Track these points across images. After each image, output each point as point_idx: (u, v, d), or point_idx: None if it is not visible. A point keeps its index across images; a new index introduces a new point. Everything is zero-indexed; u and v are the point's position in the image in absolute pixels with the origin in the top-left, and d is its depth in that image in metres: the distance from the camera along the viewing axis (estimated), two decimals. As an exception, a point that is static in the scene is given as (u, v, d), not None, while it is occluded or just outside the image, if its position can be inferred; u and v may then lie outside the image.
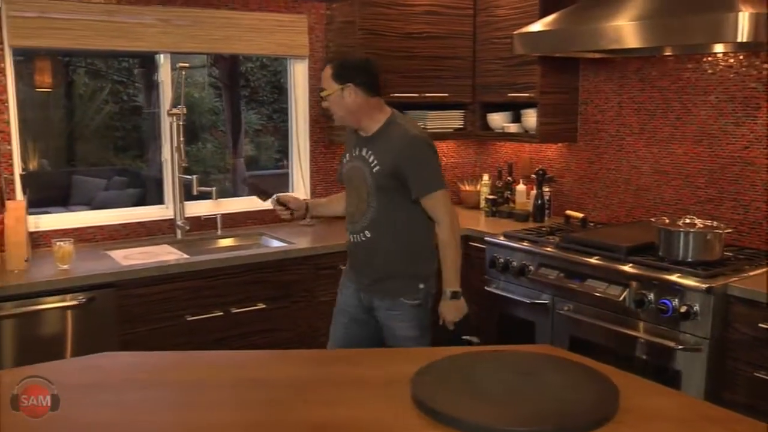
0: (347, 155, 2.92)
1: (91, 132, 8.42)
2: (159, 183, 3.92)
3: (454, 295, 2.84)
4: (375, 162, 2.77)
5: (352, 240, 2.90)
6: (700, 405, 1.82)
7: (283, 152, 8.42)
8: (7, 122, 3.36)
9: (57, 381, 1.87)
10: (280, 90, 8.55)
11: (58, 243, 3.11)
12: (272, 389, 1.87)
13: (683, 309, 2.84)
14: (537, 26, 3.59)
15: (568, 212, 3.88)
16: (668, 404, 1.81)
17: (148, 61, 7.97)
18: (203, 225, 3.87)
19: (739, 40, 2.73)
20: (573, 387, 1.81)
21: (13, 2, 3.29)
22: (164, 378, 1.94)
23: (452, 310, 2.86)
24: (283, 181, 4.43)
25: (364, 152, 2.81)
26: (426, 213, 2.80)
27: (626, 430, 1.62)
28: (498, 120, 4.20)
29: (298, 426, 1.67)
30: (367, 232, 2.82)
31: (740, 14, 2.70)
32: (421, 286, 2.85)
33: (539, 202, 4.07)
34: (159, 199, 3.90)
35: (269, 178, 8.07)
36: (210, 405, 1.78)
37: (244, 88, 8.46)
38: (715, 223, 3.08)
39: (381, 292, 2.86)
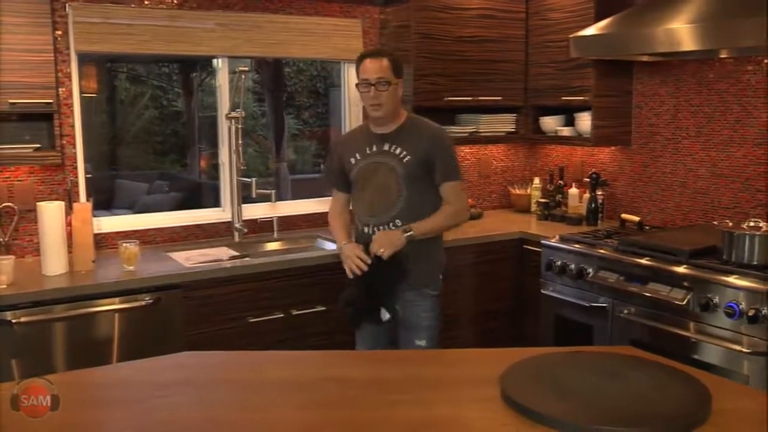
0: (356, 155, 3.01)
1: (131, 137, 8.52)
2: (199, 187, 3.97)
3: (406, 231, 2.90)
4: (404, 153, 2.93)
5: (372, 232, 2.98)
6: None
7: (320, 156, 8.50)
8: (72, 126, 3.43)
9: (149, 379, 1.92)
10: (317, 95, 8.61)
11: (124, 244, 3.15)
12: (359, 389, 1.88)
13: (751, 312, 2.82)
14: (592, 30, 3.59)
15: (624, 216, 3.87)
16: (762, 406, 1.79)
17: (188, 66, 8.08)
18: (259, 228, 3.90)
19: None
20: (660, 388, 1.81)
21: (79, 8, 3.35)
22: (249, 377, 1.96)
23: (391, 239, 2.88)
24: (323, 185, 4.45)
25: (386, 147, 2.95)
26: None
27: None
28: (551, 123, 4.20)
29: (390, 425, 1.68)
30: (398, 220, 2.94)
31: (810, 16, 2.69)
32: (441, 276, 3.08)
33: (593, 205, 4.06)
34: (199, 203, 3.94)
35: (306, 182, 8.13)
36: (297, 405, 1.79)
37: (283, 93, 8.52)
38: (780, 226, 3.06)
39: (405, 283, 2.93)
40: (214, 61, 3.83)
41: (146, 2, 3.51)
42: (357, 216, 3.08)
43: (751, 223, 3.06)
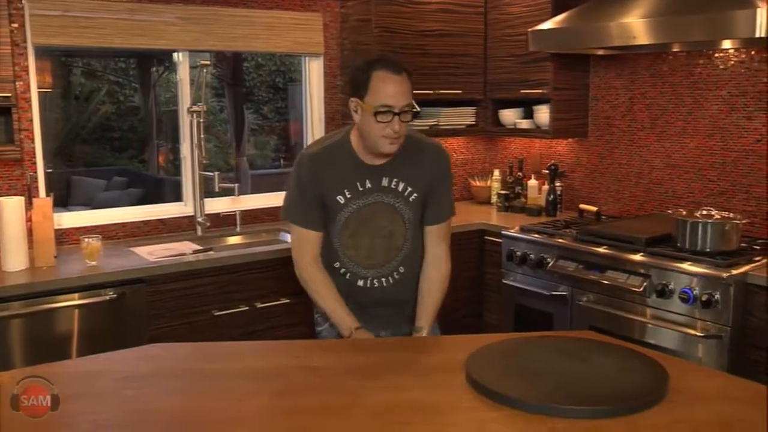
0: (345, 192, 2.36)
1: (88, 132, 8.41)
2: (158, 182, 3.95)
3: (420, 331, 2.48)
4: (409, 190, 2.39)
5: (371, 285, 2.46)
6: (748, 384, 1.87)
7: (280, 152, 8.48)
8: (30, 120, 3.39)
9: (121, 370, 1.92)
10: (276, 89, 8.59)
11: (86, 240, 3.13)
12: (330, 376, 1.91)
13: (704, 297, 2.92)
14: (549, 24, 3.66)
15: (582, 206, 3.95)
16: (716, 384, 1.88)
17: (145, 61, 7.99)
18: (222, 222, 3.90)
19: (757, 35, 2.81)
20: (622, 369, 1.87)
21: (37, 0, 3.31)
22: (223, 367, 1.98)
23: None
24: (283, 180, 4.46)
25: (385, 182, 2.37)
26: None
27: (681, 408, 1.68)
28: (510, 116, 4.27)
29: (368, 409, 1.71)
30: (401, 268, 2.47)
31: (759, 10, 2.79)
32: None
33: (551, 196, 4.14)
34: (159, 198, 3.92)
35: (267, 177, 8.10)
36: (275, 392, 1.81)
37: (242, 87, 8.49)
38: (731, 214, 3.17)
39: (404, 321, 2.55)
40: (175, 55, 3.81)
41: (106, -5, 3.49)
42: (343, 263, 2.45)
43: (704, 212, 3.17)
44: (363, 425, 1.64)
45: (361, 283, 2.45)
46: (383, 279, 2.45)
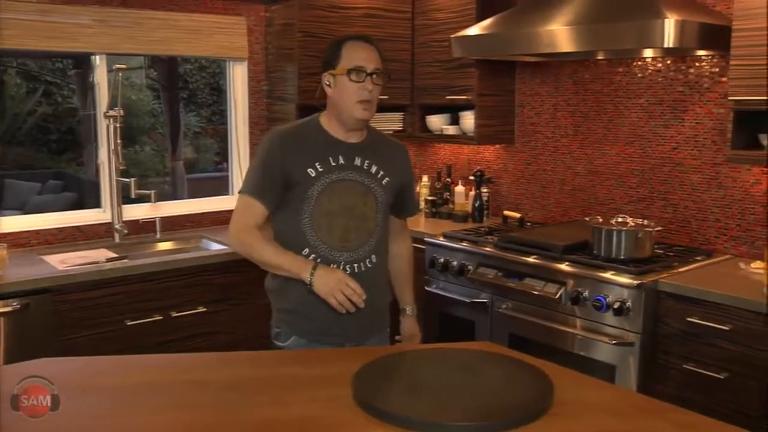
0: (316, 165, 2.30)
1: (23, 134, 8.22)
2: (96, 187, 3.86)
3: (410, 311, 2.64)
4: (382, 174, 2.39)
5: (345, 271, 2.30)
6: (633, 396, 1.89)
7: (223, 155, 8.38)
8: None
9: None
10: (219, 92, 8.48)
11: (-9, 248, 3.04)
12: (218, 391, 1.87)
13: (616, 305, 2.94)
14: (474, 30, 3.65)
15: (506, 212, 3.96)
16: (604, 396, 1.88)
17: (82, 62, 7.83)
18: (142, 228, 3.83)
19: (665, 45, 2.84)
20: (510, 381, 1.86)
21: (-58, 1, 3.21)
22: (107, 382, 1.92)
23: (418, 329, 2.64)
24: (223, 184, 4.42)
25: (357, 161, 2.35)
26: None
27: (562, 421, 1.68)
28: (436, 122, 4.27)
29: (245, 426, 1.67)
30: (373, 256, 2.39)
31: (666, 21, 2.81)
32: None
33: (478, 202, 4.14)
34: (96, 203, 3.84)
35: (208, 181, 8.00)
36: (155, 408, 1.77)
37: (183, 90, 8.38)
38: (645, 222, 3.19)
39: (376, 328, 2.50)
40: (92, 58, 3.72)
41: (15, -4, 3.39)
42: (314, 247, 2.32)
43: (619, 219, 3.19)
44: (236, 443, 1.61)
45: (332, 267, 2.30)
46: (356, 265, 2.34)
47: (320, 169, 2.29)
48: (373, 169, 2.37)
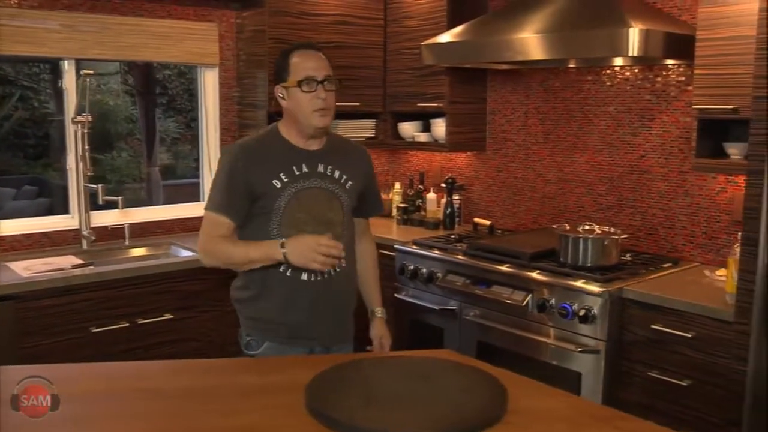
0: (281, 176, 2.30)
1: (-1, 139, 8.15)
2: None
3: (380, 313, 2.63)
4: (345, 178, 2.40)
5: (315, 278, 2.33)
6: (587, 404, 1.90)
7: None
8: None
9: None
10: (197, 98, 8.47)
11: (-47, 254, 3.01)
12: (171, 399, 1.85)
13: (582, 312, 2.94)
14: (445, 37, 3.66)
15: (476, 220, 3.97)
16: (557, 404, 1.87)
17: (57, 68, 7.78)
18: (111, 235, 3.80)
19: (630, 54, 2.86)
20: (465, 390, 1.86)
21: None
22: (60, 391, 1.90)
23: (388, 332, 2.63)
24: (197, 191, 4.40)
25: (320, 168, 2.36)
26: None
27: (514, 429, 1.68)
28: (408, 129, 4.27)
29: (194, 436, 1.67)
30: (343, 261, 2.36)
31: (631, 30, 2.83)
32: None
33: (449, 210, 4.14)
34: (67, 209, 3.80)
35: (185, 187, 7.96)
36: (105, 417, 1.76)
37: (162, 96, 8.33)
38: (612, 230, 3.21)
39: (343, 335, 2.52)
40: (61, 63, 3.69)
41: (-19, 0, 3.37)
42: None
43: (586, 227, 3.21)
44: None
45: (305, 276, 2.32)
46: (326, 273, 2.34)
47: (285, 180, 2.31)
48: (337, 174, 2.39)
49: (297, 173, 2.32)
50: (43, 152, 8.12)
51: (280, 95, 2.35)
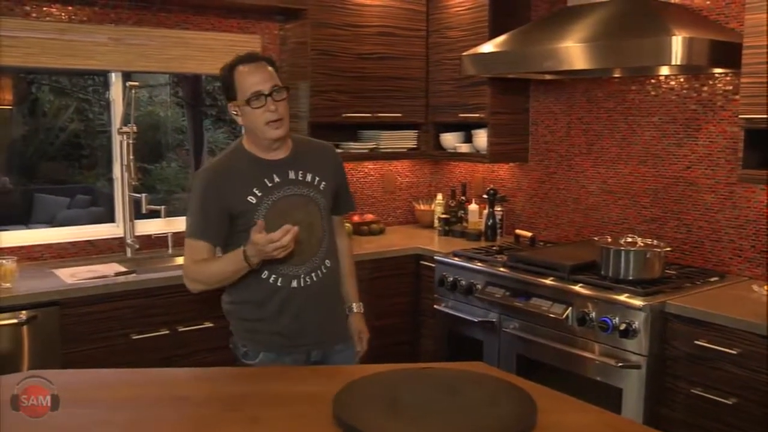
0: (254, 191, 2.34)
1: (55, 150, 8.39)
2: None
3: (356, 309, 2.66)
4: (318, 179, 2.45)
5: (305, 284, 2.41)
6: (620, 421, 1.85)
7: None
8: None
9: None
10: (247, 109, 8.56)
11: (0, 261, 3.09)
12: (195, 407, 1.87)
13: (623, 327, 2.88)
14: (487, 47, 3.64)
15: (518, 231, 3.93)
16: (588, 420, 1.83)
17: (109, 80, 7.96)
18: (154, 243, 3.85)
19: (673, 62, 2.80)
20: (493, 403, 1.83)
21: (-40, 19, 3.29)
22: (84, 396, 1.93)
23: (365, 327, 2.66)
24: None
25: (292, 175, 2.41)
26: None
27: (540, 445, 1.64)
28: (450, 140, 4.25)
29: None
30: (327, 261, 2.47)
31: (674, 38, 2.77)
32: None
33: (491, 221, 4.11)
34: (113, 218, 3.88)
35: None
36: (131, 423, 1.78)
37: (212, 108, 8.48)
38: (655, 242, 3.13)
39: (339, 334, 2.58)
40: (109, 75, 3.78)
41: (33, 15, 3.46)
42: (272, 269, 2.37)
43: (628, 239, 3.13)
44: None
45: (295, 283, 2.39)
46: (313, 274, 2.42)
47: (259, 194, 2.35)
48: (309, 177, 2.43)
49: (270, 185, 2.36)
50: (96, 162, 8.34)
51: (234, 112, 2.38)
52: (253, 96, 2.28)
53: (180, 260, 3.76)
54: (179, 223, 3.98)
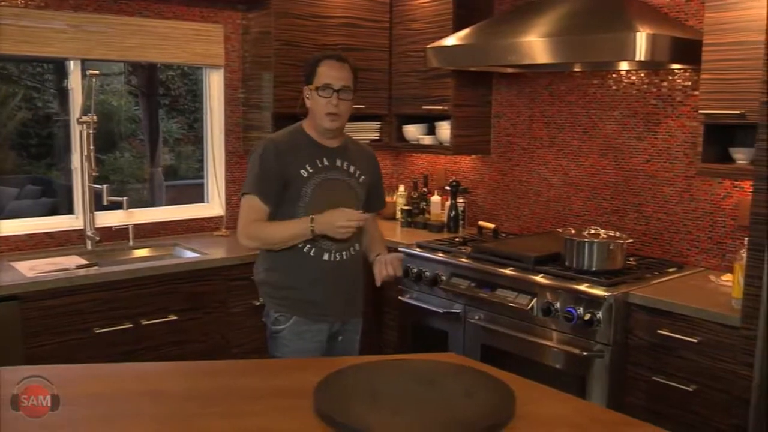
0: (307, 167, 2.63)
1: (2, 139, 8.15)
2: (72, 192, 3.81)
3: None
4: (359, 172, 2.76)
5: (334, 259, 2.69)
6: (594, 409, 1.89)
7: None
8: None
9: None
10: (201, 99, 8.46)
11: (-43, 254, 3.01)
12: (173, 401, 1.85)
13: (587, 317, 2.94)
14: (451, 40, 3.66)
15: (481, 223, 3.96)
16: (563, 409, 1.87)
17: (61, 67, 7.77)
18: (115, 235, 3.79)
19: (637, 58, 2.85)
20: (471, 394, 1.85)
21: None
22: (60, 392, 1.89)
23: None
24: (199, 192, 4.39)
25: (338, 162, 2.70)
26: None
27: (520, 434, 1.67)
28: (413, 132, 4.27)
29: (198, 437, 1.66)
30: (356, 245, 2.76)
31: (638, 34, 2.83)
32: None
33: (453, 213, 4.14)
34: (72, 209, 3.80)
35: (188, 188, 7.96)
36: (107, 418, 1.75)
37: (165, 97, 8.33)
38: (617, 234, 3.20)
39: (355, 310, 2.85)
40: (66, 63, 3.69)
41: (-12, 0, 3.36)
42: (310, 240, 2.64)
43: (591, 231, 3.19)
44: (190, 455, 1.59)
45: (326, 257, 2.67)
46: (344, 252, 2.70)
47: (310, 170, 2.64)
48: (351, 168, 2.74)
49: (320, 165, 2.67)
50: (46, 152, 8.13)
51: (306, 96, 2.69)
52: (324, 87, 2.61)
53: (142, 252, 3.74)
54: (140, 215, 3.94)
